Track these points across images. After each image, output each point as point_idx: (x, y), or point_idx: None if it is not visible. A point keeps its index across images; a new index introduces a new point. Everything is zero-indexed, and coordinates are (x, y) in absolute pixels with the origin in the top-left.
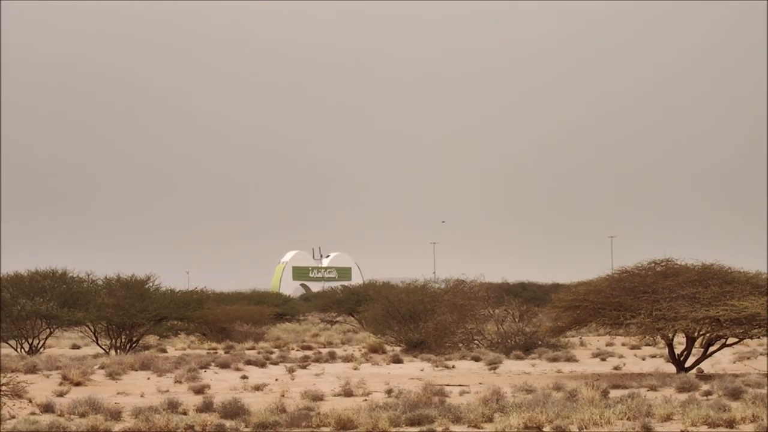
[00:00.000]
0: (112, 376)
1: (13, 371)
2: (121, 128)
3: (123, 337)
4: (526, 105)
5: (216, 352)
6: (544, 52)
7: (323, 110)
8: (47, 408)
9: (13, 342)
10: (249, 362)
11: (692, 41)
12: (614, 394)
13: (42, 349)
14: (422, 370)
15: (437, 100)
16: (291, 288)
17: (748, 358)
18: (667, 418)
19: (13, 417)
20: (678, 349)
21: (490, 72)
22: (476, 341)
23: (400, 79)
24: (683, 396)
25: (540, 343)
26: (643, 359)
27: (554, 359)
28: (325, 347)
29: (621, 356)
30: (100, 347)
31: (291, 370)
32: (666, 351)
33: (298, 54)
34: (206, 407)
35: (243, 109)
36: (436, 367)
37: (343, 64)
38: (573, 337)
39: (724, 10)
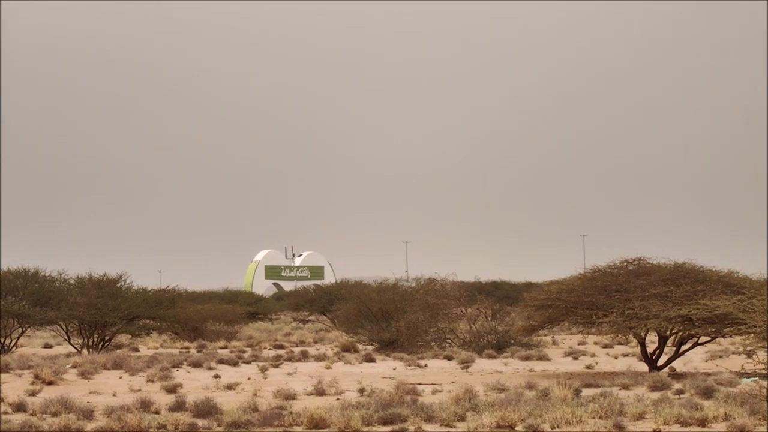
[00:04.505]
0: (85, 375)
1: None
2: (90, 129)
3: (95, 336)
4: (498, 105)
5: (188, 351)
6: (518, 52)
7: (295, 110)
8: (19, 407)
9: None
10: (221, 361)
11: (671, 40)
12: (586, 392)
13: (14, 348)
14: (395, 369)
15: (410, 100)
16: (263, 287)
17: (720, 357)
18: (640, 416)
19: None
20: (650, 347)
21: (464, 73)
22: (449, 340)
23: (374, 79)
24: (655, 395)
25: (512, 342)
26: (616, 358)
27: (527, 358)
28: (297, 346)
29: (593, 355)
30: (73, 346)
31: (263, 369)
32: (638, 350)
33: (269, 56)
34: (178, 406)
35: (215, 110)
36: (409, 366)
37: (315, 65)
38: (545, 336)
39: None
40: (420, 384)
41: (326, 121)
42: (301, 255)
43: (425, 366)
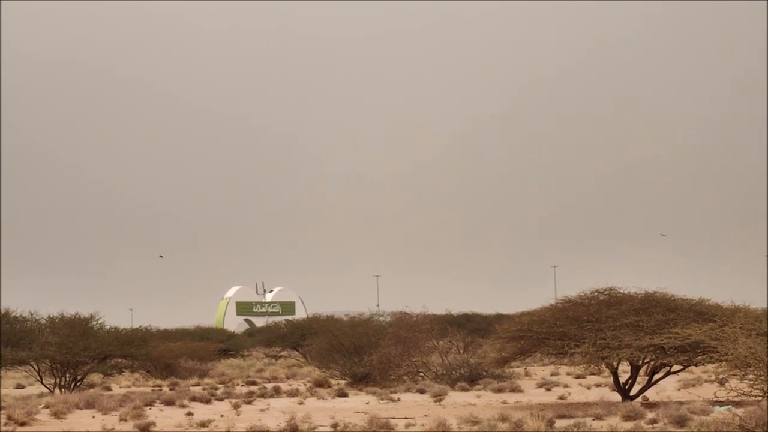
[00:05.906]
0: (57, 415)
1: None
2: (58, 164)
3: (67, 375)
4: (465, 135)
5: (161, 389)
6: (484, 78)
7: (264, 144)
8: None
9: None
10: (194, 399)
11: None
12: (560, 423)
13: None
14: (367, 403)
15: (377, 133)
16: (235, 323)
17: (693, 386)
18: None
19: None
20: (623, 377)
21: (430, 99)
22: (421, 373)
23: (340, 112)
24: (629, 424)
25: (485, 374)
26: (588, 388)
27: (499, 390)
28: (269, 382)
29: (566, 386)
30: (45, 386)
31: (236, 406)
32: (611, 380)
33: (235, 81)
34: None
35: (184, 144)
36: (382, 400)
37: (281, 95)
38: (518, 367)
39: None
40: (393, 418)
41: (295, 157)
42: (272, 291)
43: (398, 400)
